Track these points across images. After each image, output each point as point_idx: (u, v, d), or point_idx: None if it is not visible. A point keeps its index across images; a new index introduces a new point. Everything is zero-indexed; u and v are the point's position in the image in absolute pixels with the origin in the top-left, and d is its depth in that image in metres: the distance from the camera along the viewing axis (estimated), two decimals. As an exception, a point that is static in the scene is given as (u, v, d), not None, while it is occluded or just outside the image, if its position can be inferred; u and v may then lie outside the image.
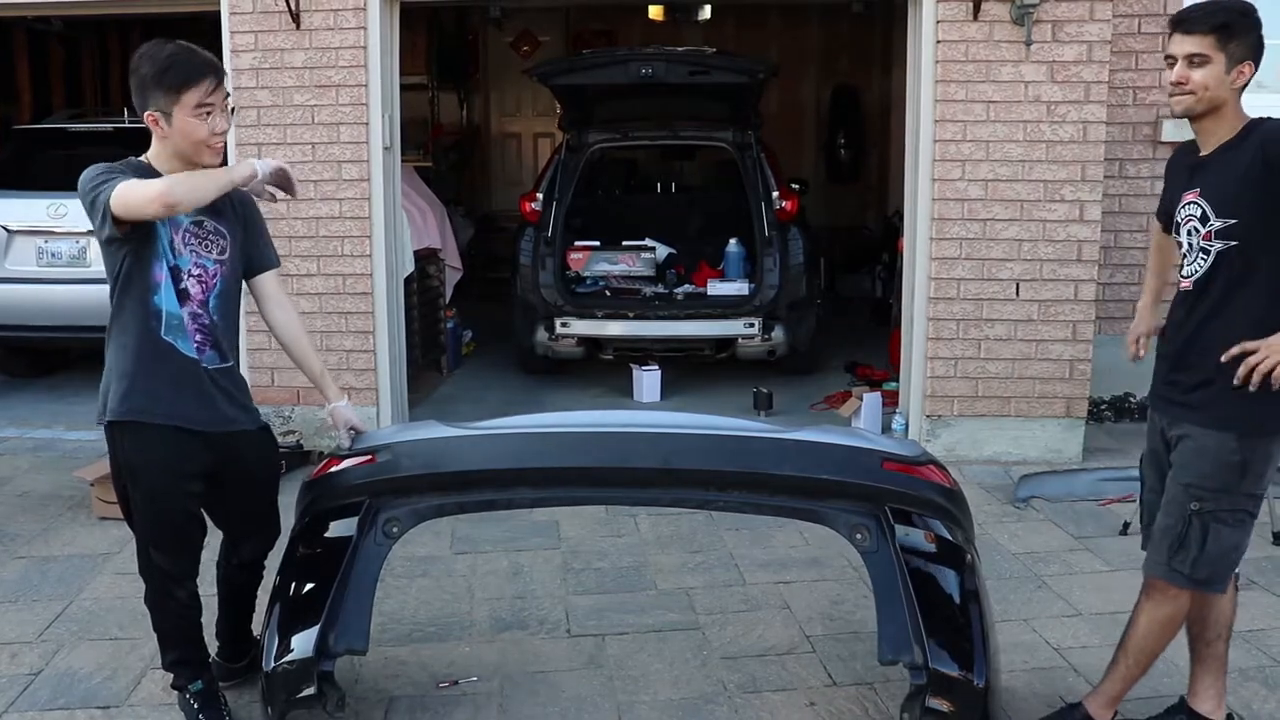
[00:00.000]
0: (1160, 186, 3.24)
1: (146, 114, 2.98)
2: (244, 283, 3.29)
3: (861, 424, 6.20)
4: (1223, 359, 2.81)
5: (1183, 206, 2.95)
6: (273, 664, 2.95)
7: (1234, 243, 2.81)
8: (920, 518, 3.05)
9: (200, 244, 3.08)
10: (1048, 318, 5.73)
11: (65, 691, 3.54)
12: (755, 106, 7.67)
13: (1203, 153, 2.93)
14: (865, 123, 11.96)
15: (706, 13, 10.97)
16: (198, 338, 3.08)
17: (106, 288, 3.11)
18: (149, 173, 2.99)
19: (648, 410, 6.67)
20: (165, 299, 3.03)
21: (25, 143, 7.67)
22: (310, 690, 2.93)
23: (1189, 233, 2.92)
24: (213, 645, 3.45)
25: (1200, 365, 2.90)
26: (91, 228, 2.98)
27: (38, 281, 6.80)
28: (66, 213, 6.65)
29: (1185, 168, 3.00)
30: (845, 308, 9.72)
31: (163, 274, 3.02)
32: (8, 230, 6.96)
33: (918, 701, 2.84)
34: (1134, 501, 4.83)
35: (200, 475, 3.15)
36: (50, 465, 5.84)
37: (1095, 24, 5.52)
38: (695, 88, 7.27)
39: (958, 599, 2.99)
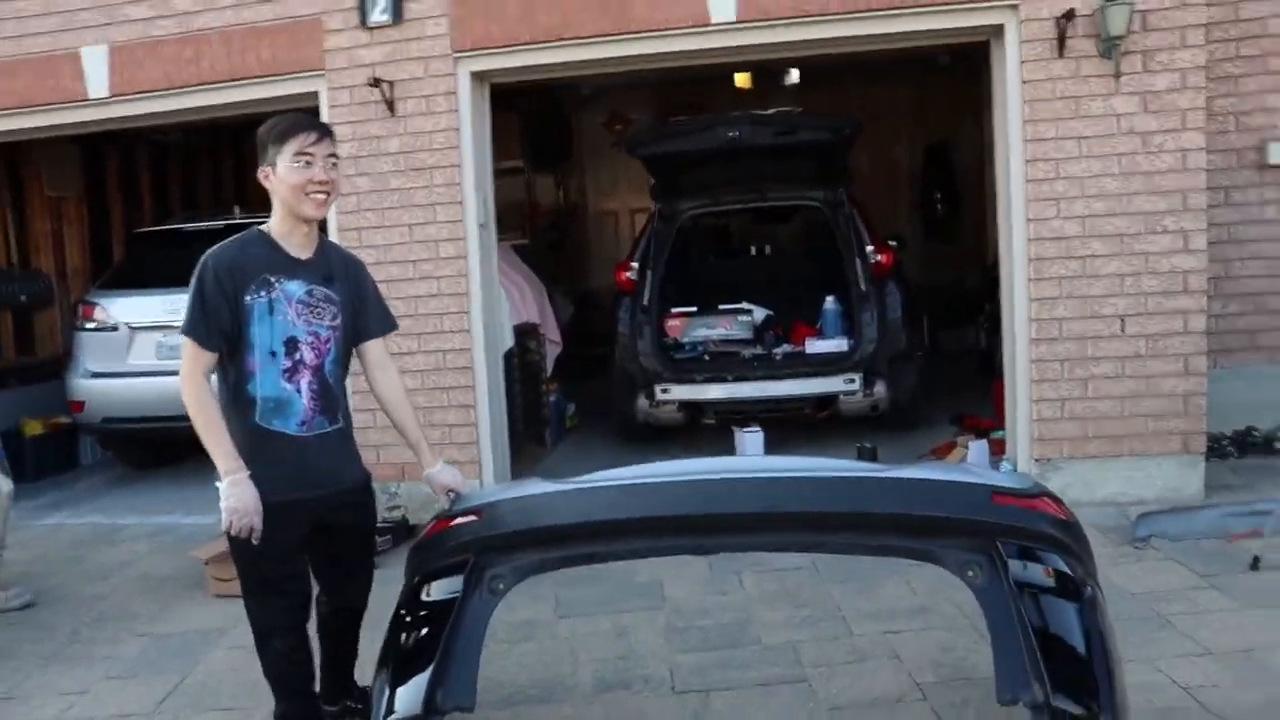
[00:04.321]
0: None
1: (260, 171, 3.23)
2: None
3: (971, 473, 6.03)
4: None
5: None
6: (380, 721, 2.95)
7: None
8: (1037, 552, 2.94)
9: (311, 312, 3.22)
10: (1157, 352, 5.54)
11: (182, 759, 3.62)
12: (845, 163, 7.66)
13: None
14: (959, 179, 11.87)
15: (794, 77, 11.05)
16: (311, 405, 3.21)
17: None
18: (256, 241, 3.22)
19: (748, 457, 6.58)
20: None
21: (144, 245, 8.09)
22: (419, 748, 2.92)
23: None
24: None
25: None
26: None
27: (157, 374, 7.07)
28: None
29: None
30: (949, 363, 9.54)
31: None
32: (130, 327, 7.31)
33: (1040, 743, 2.70)
34: (1263, 536, 4.62)
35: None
36: (168, 549, 6.03)
37: (1187, 50, 5.41)
38: (783, 148, 7.31)
39: (1080, 633, 2.84)
